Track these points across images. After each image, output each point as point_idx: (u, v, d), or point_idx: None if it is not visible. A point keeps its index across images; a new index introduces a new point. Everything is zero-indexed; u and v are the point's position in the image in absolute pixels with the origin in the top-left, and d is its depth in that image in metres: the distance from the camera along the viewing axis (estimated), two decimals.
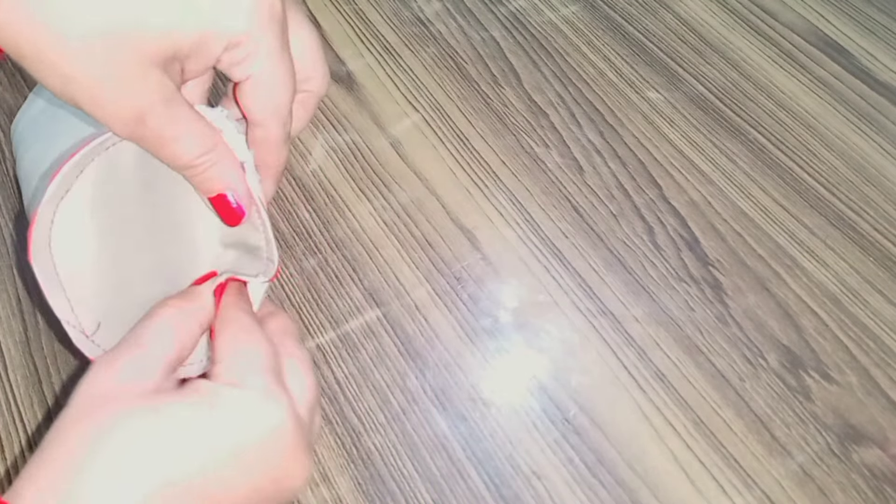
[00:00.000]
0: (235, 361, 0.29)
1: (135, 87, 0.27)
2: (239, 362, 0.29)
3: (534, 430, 0.40)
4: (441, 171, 0.51)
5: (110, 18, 0.26)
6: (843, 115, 0.55)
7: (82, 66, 0.26)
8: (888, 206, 0.50)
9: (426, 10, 0.61)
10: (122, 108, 0.27)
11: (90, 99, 0.27)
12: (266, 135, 0.31)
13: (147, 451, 0.25)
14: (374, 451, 0.40)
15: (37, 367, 0.42)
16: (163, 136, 0.28)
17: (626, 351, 0.43)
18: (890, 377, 0.43)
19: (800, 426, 0.41)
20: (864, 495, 0.39)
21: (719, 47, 0.59)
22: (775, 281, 0.46)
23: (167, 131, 0.28)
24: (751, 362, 0.43)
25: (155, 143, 0.29)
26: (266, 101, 0.30)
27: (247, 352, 0.29)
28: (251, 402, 0.27)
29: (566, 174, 0.51)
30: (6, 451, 0.39)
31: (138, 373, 0.27)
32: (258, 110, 0.30)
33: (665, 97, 0.56)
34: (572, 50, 0.58)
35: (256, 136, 0.31)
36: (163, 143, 0.29)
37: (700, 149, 0.53)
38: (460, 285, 0.46)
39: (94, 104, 0.27)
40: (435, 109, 0.54)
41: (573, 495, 0.39)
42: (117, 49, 0.26)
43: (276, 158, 0.32)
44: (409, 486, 0.39)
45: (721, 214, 0.49)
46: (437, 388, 0.42)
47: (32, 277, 0.30)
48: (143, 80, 0.27)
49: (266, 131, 0.31)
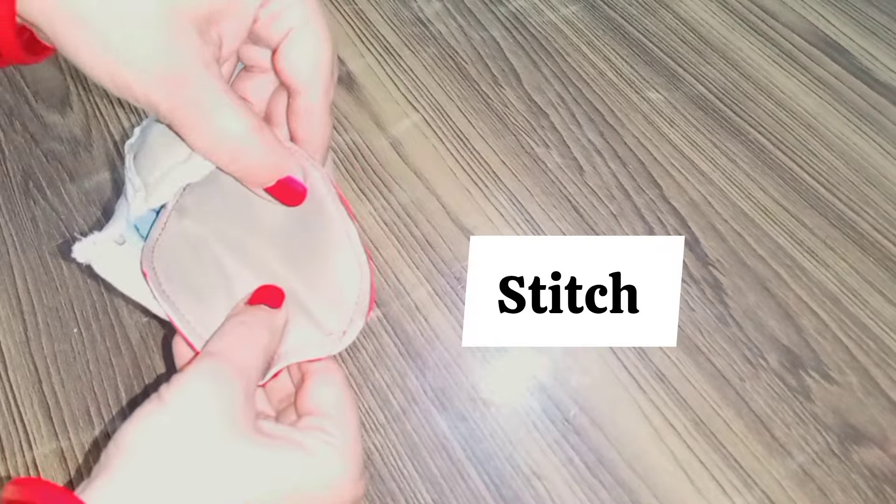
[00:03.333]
0: (339, 415, 0.30)
1: (172, 46, 0.25)
2: (340, 419, 0.30)
3: (534, 430, 0.40)
4: (441, 171, 0.51)
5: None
6: (843, 115, 0.55)
7: (116, 31, 0.24)
8: (888, 206, 0.50)
9: (426, 10, 0.61)
10: (153, 65, 0.25)
11: (125, 64, 0.25)
12: (308, 104, 0.29)
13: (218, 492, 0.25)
14: (374, 451, 0.40)
15: (37, 367, 0.42)
16: (202, 104, 0.26)
17: (626, 351, 0.43)
18: (890, 377, 0.43)
19: (800, 426, 0.41)
20: (864, 495, 0.39)
21: (719, 47, 0.59)
22: (775, 281, 0.46)
23: (207, 99, 0.26)
24: (751, 362, 0.43)
25: (193, 116, 0.26)
26: (308, 57, 0.28)
27: (345, 408, 0.31)
28: (332, 454, 0.29)
29: (566, 174, 0.51)
30: (6, 451, 0.39)
31: (231, 418, 0.27)
32: (301, 69, 0.28)
33: (665, 97, 0.56)
34: (572, 50, 0.58)
35: (300, 105, 0.29)
36: (202, 115, 0.26)
37: (700, 149, 0.53)
38: (460, 285, 0.46)
39: (128, 69, 0.25)
40: (435, 109, 0.54)
41: (573, 495, 0.39)
42: (151, 9, 0.24)
43: (322, 131, 0.30)
44: (409, 486, 0.39)
45: (721, 214, 0.49)
46: (437, 388, 0.42)
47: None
48: (180, 40, 0.25)
49: (309, 99, 0.29)
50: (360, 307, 0.32)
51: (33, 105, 0.54)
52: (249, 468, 0.26)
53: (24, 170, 0.50)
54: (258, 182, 0.29)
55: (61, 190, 0.49)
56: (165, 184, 0.29)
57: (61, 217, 0.47)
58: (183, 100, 0.25)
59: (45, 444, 0.39)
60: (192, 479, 0.25)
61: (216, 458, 0.25)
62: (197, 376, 0.27)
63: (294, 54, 0.28)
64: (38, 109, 0.53)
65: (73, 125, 0.52)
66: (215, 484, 0.25)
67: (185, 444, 0.25)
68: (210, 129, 0.26)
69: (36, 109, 0.53)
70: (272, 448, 0.27)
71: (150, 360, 0.42)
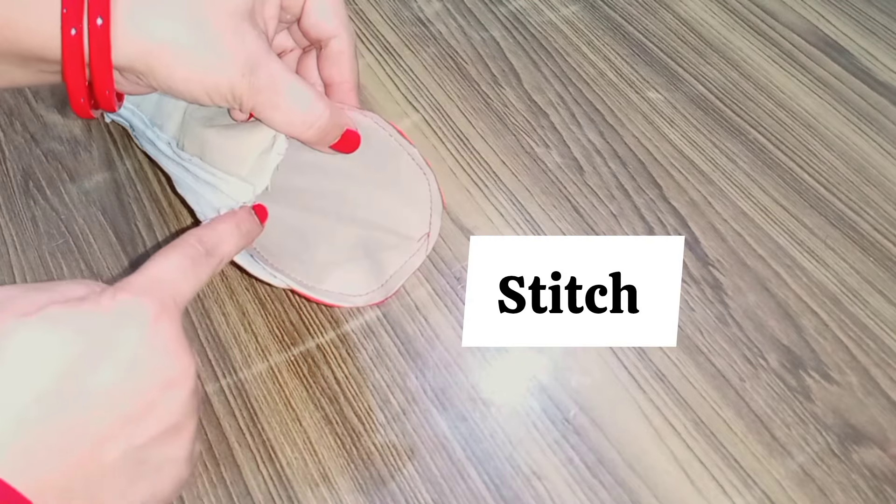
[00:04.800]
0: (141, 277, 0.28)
1: (242, 44, 0.29)
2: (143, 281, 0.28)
3: (534, 430, 0.40)
4: (441, 171, 0.51)
5: (192, 4, 0.29)
6: (843, 115, 0.55)
7: (177, 39, 0.28)
8: (888, 206, 0.50)
9: (426, 10, 0.61)
10: (232, 62, 0.29)
11: (213, 70, 0.29)
12: (341, 46, 0.34)
13: (20, 359, 0.24)
14: (374, 451, 0.40)
15: None
16: (277, 84, 0.30)
17: (626, 351, 0.43)
18: (890, 377, 0.43)
19: (800, 426, 0.41)
20: (864, 495, 0.39)
21: (719, 47, 0.59)
22: (775, 281, 0.46)
23: (280, 80, 0.30)
24: (751, 362, 0.43)
25: (273, 97, 0.30)
26: (332, 12, 0.33)
27: (158, 276, 0.28)
28: (118, 306, 0.26)
29: (566, 174, 0.51)
30: None
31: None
32: (330, 24, 0.33)
33: (665, 97, 0.56)
34: (572, 50, 0.58)
35: (332, 51, 0.34)
36: (279, 96, 0.30)
37: (700, 149, 0.53)
38: (460, 285, 0.46)
39: (216, 73, 0.29)
40: (435, 109, 0.54)
41: (573, 495, 0.39)
42: (203, 14, 0.29)
43: (353, 70, 0.35)
44: (409, 486, 0.39)
45: (721, 214, 0.49)
46: (437, 388, 0.42)
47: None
48: (240, 33, 0.29)
49: (340, 42, 0.34)
50: (436, 207, 0.37)
51: (33, 105, 0.54)
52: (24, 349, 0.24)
53: (24, 170, 0.50)
54: (328, 141, 0.34)
55: (61, 190, 0.49)
56: (263, 171, 0.34)
57: (61, 217, 0.47)
58: (262, 85, 0.30)
59: None
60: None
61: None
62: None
63: (318, 12, 0.33)
64: (38, 109, 0.53)
65: (73, 125, 0.52)
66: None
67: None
68: (288, 106, 0.31)
69: (36, 109, 0.53)
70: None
71: None
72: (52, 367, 0.24)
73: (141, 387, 0.26)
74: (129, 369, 0.25)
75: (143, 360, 0.26)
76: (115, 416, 0.25)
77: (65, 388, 0.24)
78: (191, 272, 0.29)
